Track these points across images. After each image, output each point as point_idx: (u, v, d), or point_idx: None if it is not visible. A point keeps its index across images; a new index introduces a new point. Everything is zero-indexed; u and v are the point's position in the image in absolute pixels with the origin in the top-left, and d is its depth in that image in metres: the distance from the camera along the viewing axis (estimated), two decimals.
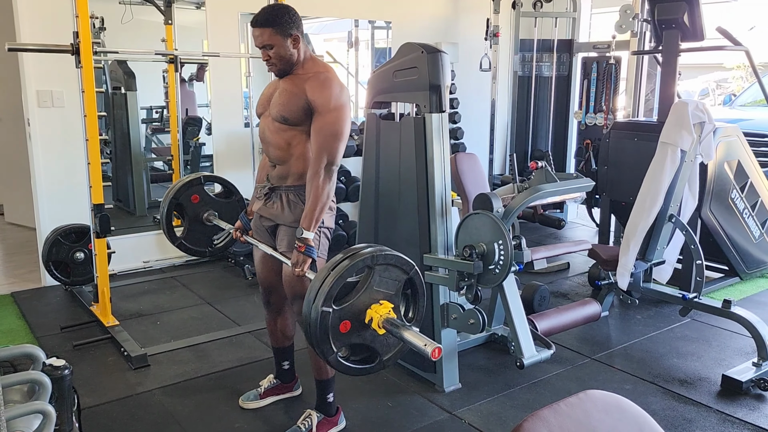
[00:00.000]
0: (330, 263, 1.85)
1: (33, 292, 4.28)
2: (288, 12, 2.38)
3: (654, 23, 4.11)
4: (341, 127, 2.32)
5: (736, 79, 13.31)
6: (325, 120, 2.31)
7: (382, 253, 1.86)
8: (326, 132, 2.31)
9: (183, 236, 3.01)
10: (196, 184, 2.97)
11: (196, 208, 2.99)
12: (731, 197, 4.25)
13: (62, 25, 3.90)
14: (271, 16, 2.35)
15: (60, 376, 1.81)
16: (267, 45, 2.36)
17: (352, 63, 6.11)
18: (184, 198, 2.95)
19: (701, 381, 3.13)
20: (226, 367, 3.23)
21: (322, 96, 2.32)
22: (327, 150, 2.30)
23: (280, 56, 2.37)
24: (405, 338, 1.79)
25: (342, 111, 2.33)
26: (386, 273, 1.88)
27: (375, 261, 1.84)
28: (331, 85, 2.34)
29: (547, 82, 6.03)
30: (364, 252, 1.85)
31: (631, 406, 1.15)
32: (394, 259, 1.88)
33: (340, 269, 1.81)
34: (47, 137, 4.26)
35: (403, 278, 1.91)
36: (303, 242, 2.29)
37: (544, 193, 2.92)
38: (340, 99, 2.34)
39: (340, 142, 2.32)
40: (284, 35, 2.35)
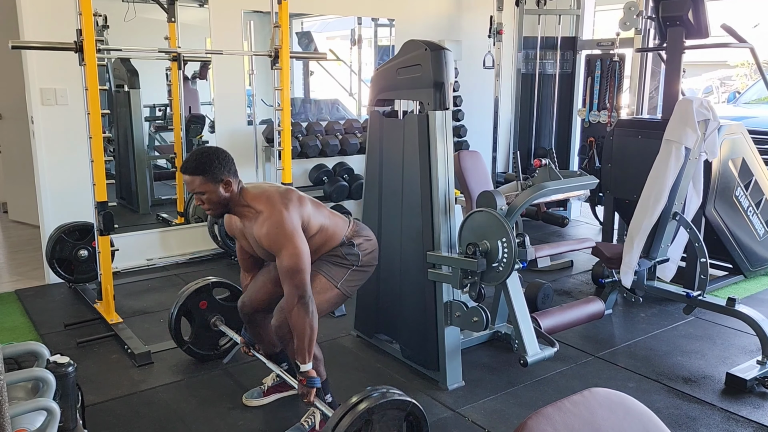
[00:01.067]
0: (331, 422, 1.92)
1: (37, 290, 4.29)
2: (217, 157, 2.37)
3: (658, 20, 4.09)
4: (297, 261, 2.33)
5: (740, 76, 13.27)
6: (281, 262, 2.34)
7: (378, 403, 1.93)
8: (287, 272, 2.34)
9: (190, 341, 3.17)
10: (204, 291, 3.13)
11: (203, 314, 3.16)
12: (735, 195, 4.24)
13: (66, 22, 3.90)
14: (199, 164, 2.34)
15: (64, 373, 1.82)
16: (198, 192, 2.37)
17: (355, 61, 6.11)
18: (192, 305, 3.11)
19: (705, 379, 3.13)
20: (229, 365, 3.23)
21: (267, 241, 2.36)
22: (294, 285, 2.34)
23: (213, 202, 2.39)
24: None
25: (290, 245, 2.33)
26: (385, 417, 1.96)
27: (371, 413, 1.92)
28: (269, 224, 2.35)
29: (551, 80, 6.02)
30: (360, 407, 1.91)
31: (636, 404, 1.15)
32: (390, 404, 1.96)
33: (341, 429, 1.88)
34: (51, 135, 4.26)
35: (403, 415, 1.99)
36: (304, 375, 2.38)
37: (547, 191, 2.91)
38: (283, 234, 2.33)
39: (302, 273, 2.35)
40: (215, 181, 2.35)
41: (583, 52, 5.88)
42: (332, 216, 2.62)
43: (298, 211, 2.41)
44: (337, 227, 2.60)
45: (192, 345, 3.18)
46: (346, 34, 6.13)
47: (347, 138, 5.34)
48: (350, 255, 2.60)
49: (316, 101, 6.46)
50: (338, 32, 6.65)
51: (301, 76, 6.45)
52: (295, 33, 6.27)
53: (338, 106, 6.43)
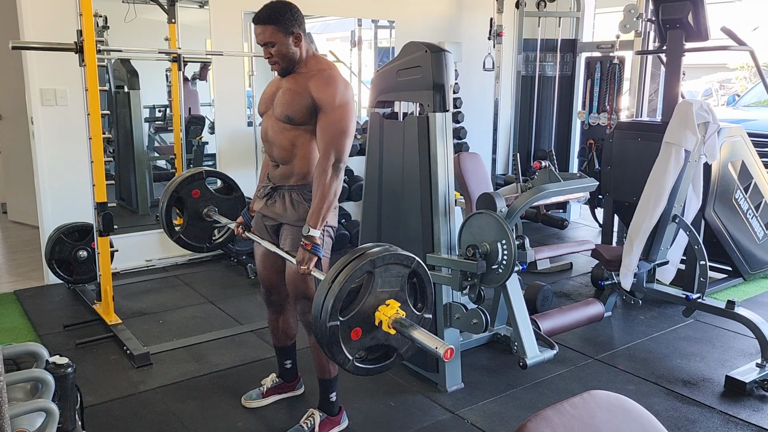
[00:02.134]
0: (329, 275, 1.84)
1: (36, 291, 4.29)
2: (290, 9, 2.35)
3: (658, 23, 4.10)
4: (347, 123, 2.31)
5: (740, 79, 13.28)
6: (331, 117, 2.30)
7: (380, 255, 1.84)
8: (333, 129, 2.30)
9: (182, 230, 2.98)
10: (198, 179, 2.94)
11: (196, 203, 2.95)
12: (735, 197, 4.24)
13: (66, 23, 3.91)
14: (273, 13, 2.32)
15: (63, 374, 1.82)
16: (269, 43, 2.34)
17: (355, 62, 6.11)
18: (184, 192, 2.92)
19: (705, 382, 3.13)
20: (228, 366, 3.23)
21: (326, 94, 2.30)
22: (335, 147, 2.30)
23: (282, 54, 2.35)
24: (416, 339, 1.79)
25: (347, 108, 2.32)
26: (387, 272, 1.86)
27: (374, 265, 1.83)
28: (336, 82, 2.33)
29: (551, 82, 6.02)
30: (362, 258, 1.83)
31: (635, 407, 1.15)
32: (393, 258, 1.86)
33: (341, 280, 1.80)
34: (51, 135, 4.26)
35: (406, 272, 1.90)
36: (309, 240, 2.29)
37: (547, 193, 2.91)
38: (344, 96, 2.32)
39: (347, 138, 2.32)
40: (286, 33, 2.33)
41: (583, 55, 5.88)
42: None
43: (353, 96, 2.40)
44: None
45: (183, 235, 2.98)
46: (347, 36, 6.13)
47: None
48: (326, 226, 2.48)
49: None
50: (338, 34, 6.66)
51: None
52: None
53: None
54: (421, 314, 1.94)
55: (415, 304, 1.95)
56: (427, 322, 1.96)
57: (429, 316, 1.97)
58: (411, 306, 1.92)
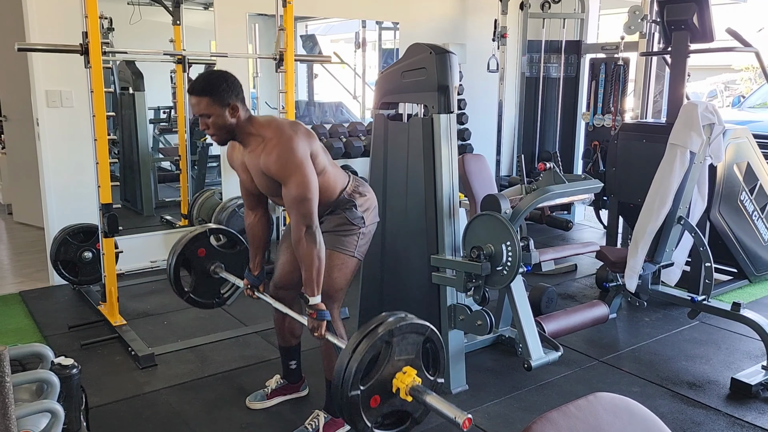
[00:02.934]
0: (349, 346, 1.89)
1: (41, 292, 4.30)
2: (226, 80, 2.30)
3: (663, 24, 4.09)
4: (304, 189, 2.28)
5: (745, 80, 13.25)
6: (289, 190, 2.29)
7: (398, 325, 1.91)
8: (292, 200, 2.29)
9: (191, 290, 3.05)
10: (202, 238, 3.01)
11: (202, 262, 3.02)
12: (740, 199, 4.22)
13: (71, 25, 3.91)
14: (207, 84, 2.28)
15: (68, 375, 1.82)
16: (204, 114, 2.29)
17: (360, 64, 6.12)
18: (190, 253, 2.99)
19: (710, 384, 3.11)
20: (232, 367, 3.24)
21: (276, 168, 2.28)
22: (300, 214, 2.29)
23: (218, 126, 2.30)
24: (433, 407, 1.85)
25: (299, 173, 2.27)
26: (404, 341, 1.93)
27: (392, 335, 1.89)
28: (278, 151, 2.27)
29: (555, 84, 6.01)
30: (380, 329, 1.89)
31: (641, 409, 1.14)
32: (410, 327, 1.94)
33: (360, 352, 1.86)
34: (56, 137, 4.27)
35: (421, 340, 1.97)
36: (313, 309, 2.33)
37: (552, 195, 2.91)
38: (292, 161, 2.26)
39: (309, 203, 2.29)
40: (222, 105, 2.26)
41: (587, 56, 5.87)
42: (335, 166, 2.56)
43: (307, 141, 2.34)
44: (338, 178, 2.53)
45: (193, 294, 3.03)
46: (351, 37, 6.14)
47: (351, 141, 5.35)
48: (355, 218, 2.54)
49: (320, 104, 6.47)
50: (343, 35, 6.67)
51: (306, 79, 6.47)
52: (299, 36, 6.28)
53: (342, 109, 6.44)
54: (434, 379, 2.02)
55: (428, 369, 2.02)
56: (440, 386, 2.04)
57: (441, 380, 2.05)
58: (425, 372, 1.99)
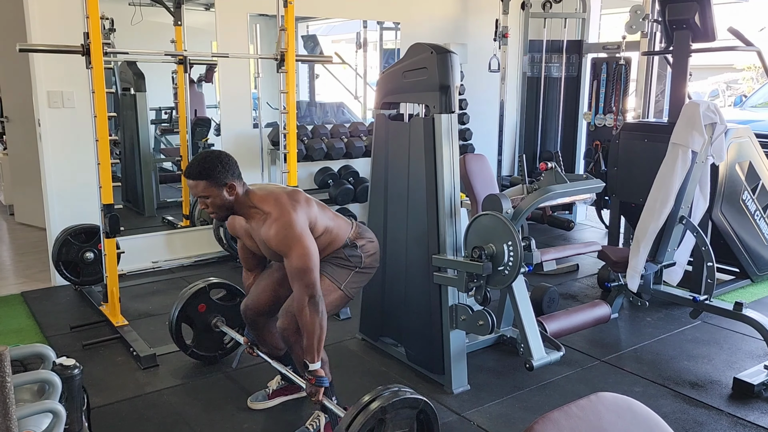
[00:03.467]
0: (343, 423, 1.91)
1: (43, 292, 4.30)
2: (221, 162, 2.36)
3: (665, 24, 4.08)
4: (306, 261, 2.33)
5: (747, 80, 13.22)
6: (291, 262, 2.34)
7: (391, 402, 1.92)
8: (294, 271, 2.34)
9: (193, 345, 3.16)
10: (203, 294, 3.10)
11: (203, 317, 3.14)
12: (742, 199, 4.22)
13: (73, 26, 3.92)
14: (203, 168, 2.33)
15: (70, 376, 1.82)
16: (202, 196, 2.37)
17: (361, 64, 6.11)
18: (191, 309, 3.09)
19: (712, 384, 3.11)
20: (234, 368, 3.23)
21: (276, 243, 2.35)
22: (303, 285, 2.34)
23: (218, 206, 2.38)
24: None
25: (299, 245, 2.33)
26: (398, 416, 1.95)
27: (385, 412, 1.91)
28: (277, 227, 2.33)
29: (557, 83, 6.01)
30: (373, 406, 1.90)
31: (643, 409, 1.14)
32: (402, 403, 1.96)
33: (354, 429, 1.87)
34: (57, 138, 4.28)
35: (414, 413, 1.99)
36: (312, 375, 2.39)
37: (553, 194, 2.91)
38: (290, 235, 2.33)
39: (311, 273, 2.34)
40: (219, 186, 2.34)
41: (589, 56, 5.86)
42: (336, 218, 2.62)
43: (305, 212, 2.41)
44: (341, 229, 2.60)
45: (195, 348, 3.18)
46: (352, 38, 6.13)
47: (353, 141, 5.35)
48: (353, 257, 2.60)
49: (321, 104, 6.47)
50: (344, 35, 6.66)
51: (307, 79, 6.46)
52: (300, 36, 6.28)
53: (343, 109, 6.43)
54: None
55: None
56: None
57: None
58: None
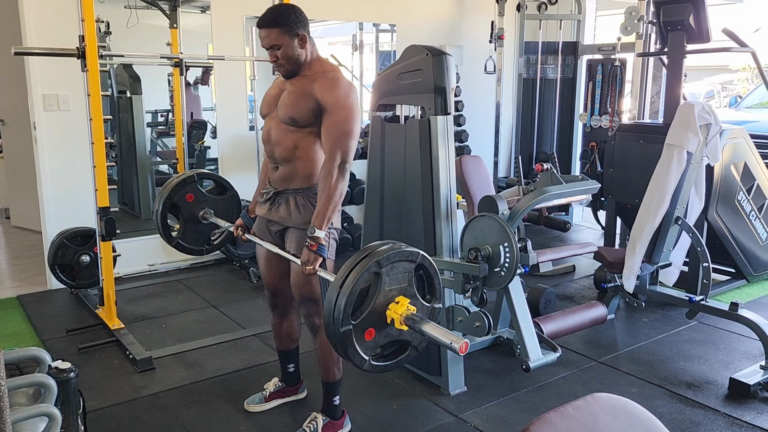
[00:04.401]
0: (337, 280, 1.84)
1: (39, 295, 4.29)
2: (294, 11, 2.36)
3: (659, 25, 4.10)
4: (352, 125, 2.31)
5: (742, 81, 13.28)
6: (336, 119, 2.30)
7: (385, 255, 1.84)
8: (338, 131, 2.30)
9: (179, 236, 2.96)
10: (190, 182, 2.91)
11: (191, 207, 2.93)
12: (738, 199, 4.23)
13: (68, 29, 3.92)
14: (277, 15, 2.33)
15: (66, 379, 1.82)
16: (274, 45, 2.33)
17: (357, 66, 6.11)
18: (178, 198, 2.90)
19: (708, 384, 3.11)
20: (231, 371, 3.23)
21: (331, 95, 2.31)
22: (340, 148, 2.29)
23: (288, 57, 2.35)
24: (429, 335, 1.80)
25: (352, 109, 2.32)
26: (394, 270, 1.87)
27: (380, 265, 1.83)
28: (340, 84, 2.33)
29: (552, 85, 6.02)
30: (369, 259, 1.83)
31: (639, 410, 1.14)
32: (398, 255, 1.86)
33: (349, 284, 1.81)
34: (53, 141, 4.27)
35: (412, 267, 1.90)
36: (315, 241, 2.29)
37: (549, 196, 2.91)
38: (349, 98, 2.32)
39: (351, 139, 2.31)
40: (291, 35, 2.33)
41: (584, 57, 5.89)
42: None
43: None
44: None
45: (181, 240, 2.97)
46: (348, 40, 6.14)
47: None
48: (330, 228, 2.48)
49: None
50: (340, 38, 6.66)
51: None
52: None
53: None
54: (431, 305, 1.95)
55: (424, 296, 1.95)
56: (437, 312, 1.97)
57: (439, 305, 1.97)
58: (420, 299, 1.93)
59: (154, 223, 2.92)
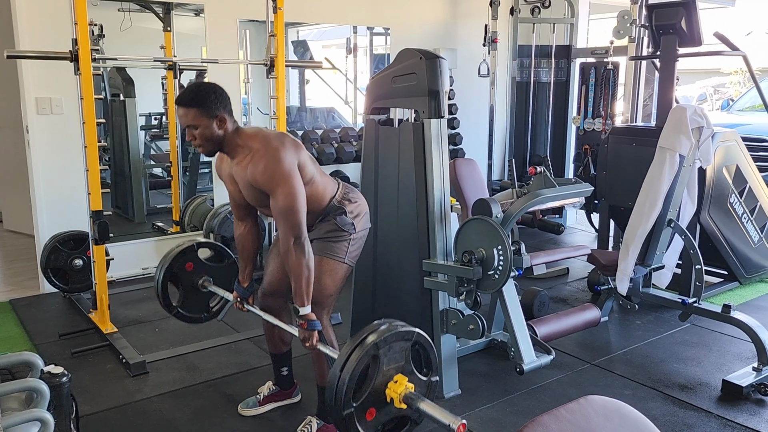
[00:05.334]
0: (337, 365, 1.90)
1: (31, 300, 4.27)
2: (215, 92, 2.31)
3: (651, 29, 4.12)
4: (292, 201, 2.27)
5: (734, 84, 13.36)
6: (276, 201, 2.28)
7: (383, 337, 1.91)
8: (282, 212, 2.28)
9: (179, 305, 3.02)
10: (190, 252, 2.98)
11: (190, 276, 2.99)
12: (730, 202, 4.25)
13: (61, 32, 3.90)
14: (196, 96, 2.28)
15: (58, 384, 1.81)
16: (191, 126, 2.30)
17: (351, 69, 6.13)
18: (178, 267, 2.96)
19: (701, 386, 3.13)
20: (224, 374, 3.22)
21: (263, 178, 2.28)
22: (289, 226, 2.29)
23: (205, 137, 2.31)
24: (427, 414, 1.86)
25: (286, 182, 2.26)
26: (391, 350, 1.93)
27: (378, 348, 1.90)
28: (265, 162, 2.27)
29: (546, 88, 6.04)
30: (366, 343, 1.89)
31: (632, 412, 1.15)
32: (395, 336, 1.93)
33: (348, 370, 1.87)
34: (46, 144, 4.26)
35: (408, 345, 1.97)
36: (304, 318, 2.33)
37: (543, 198, 2.92)
38: (278, 170, 2.26)
39: (297, 214, 2.29)
40: (210, 117, 2.28)
41: (577, 60, 5.91)
42: (323, 175, 2.56)
43: (294, 152, 2.34)
44: (327, 186, 2.54)
45: (181, 309, 3.01)
46: (342, 43, 6.15)
47: (343, 146, 5.35)
48: (345, 225, 2.54)
49: (311, 109, 6.47)
50: (334, 41, 6.68)
51: (297, 85, 6.47)
52: (290, 42, 6.28)
53: (334, 115, 6.44)
54: (428, 378, 2.02)
55: (421, 370, 2.02)
56: (434, 384, 2.04)
57: (436, 378, 2.04)
58: (418, 374, 2.00)
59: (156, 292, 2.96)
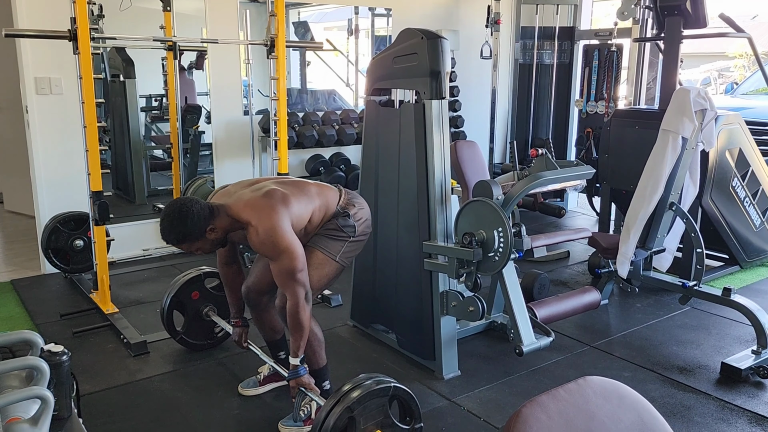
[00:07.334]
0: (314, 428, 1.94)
1: (32, 280, 4.28)
2: (189, 217, 2.28)
3: (656, 10, 4.08)
4: (292, 261, 2.31)
5: (738, 67, 13.27)
6: (279, 267, 2.34)
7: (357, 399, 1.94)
8: (287, 273, 2.33)
9: (183, 331, 3.16)
10: (196, 281, 3.12)
11: (196, 305, 3.15)
12: (732, 185, 4.24)
13: (60, 11, 3.87)
14: (177, 234, 2.31)
15: (58, 362, 1.81)
16: (192, 251, 2.39)
17: (352, 51, 6.08)
18: (184, 296, 3.10)
19: (700, 368, 3.13)
20: (225, 355, 3.23)
21: (264, 249, 2.35)
22: (298, 284, 2.35)
23: (207, 249, 2.41)
24: None
25: (286, 250, 2.31)
26: (368, 409, 1.96)
27: (352, 410, 1.93)
28: (262, 234, 2.31)
29: (548, 70, 6.00)
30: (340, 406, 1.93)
31: (630, 393, 1.14)
32: (369, 396, 1.96)
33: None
34: (46, 125, 4.24)
35: (386, 400, 2.01)
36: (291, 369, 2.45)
37: (544, 181, 2.91)
38: (276, 240, 2.30)
39: (300, 272, 2.34)
40: (200, 237, 2.34)
41: (580, 42, 5.86)
42: (321, 193, 2.58)
43: (286, 213, 2.37)
44: (329, 201, 2.58)
45: (185, 335, 3.17)
46: (343, 24, 6.10)
47: (344, 128, 5.33)
48: (347, 227, 2.57)
49: (312, 91, 6.44)
50: (335, 22, 6.63)
51: (298, 66, 6.43)
52: (291, 23, 6.23)
53: (335, 96, 6.41)
54: (411, 426, 2.05)
55: (404, 419, 2.06)
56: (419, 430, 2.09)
57: (420, 425, 2.09)
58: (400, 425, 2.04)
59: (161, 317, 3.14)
